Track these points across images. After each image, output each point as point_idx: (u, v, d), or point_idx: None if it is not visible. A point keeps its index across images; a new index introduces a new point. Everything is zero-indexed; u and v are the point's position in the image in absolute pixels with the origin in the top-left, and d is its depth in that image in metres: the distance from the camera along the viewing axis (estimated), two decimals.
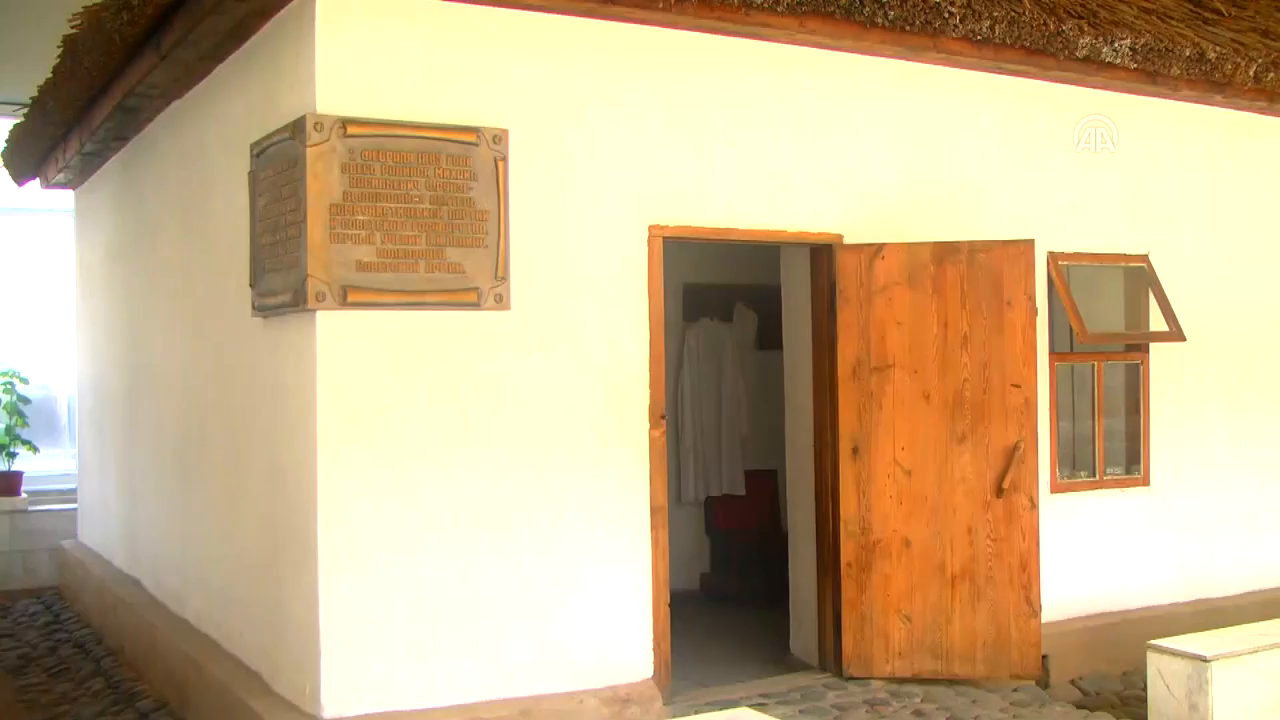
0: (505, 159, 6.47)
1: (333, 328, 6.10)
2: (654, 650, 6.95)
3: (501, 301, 6.46)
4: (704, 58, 7.13)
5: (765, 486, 10.92)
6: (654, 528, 6.97)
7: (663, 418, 7.04)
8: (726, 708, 6.73)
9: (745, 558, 10.40)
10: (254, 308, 6.80)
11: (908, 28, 7.26)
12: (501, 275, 6.46)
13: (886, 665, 7.52)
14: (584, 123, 6.79)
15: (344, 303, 6.06)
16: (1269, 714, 7.09)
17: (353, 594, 6.10)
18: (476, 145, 6.40)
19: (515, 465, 6.53)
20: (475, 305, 6.40)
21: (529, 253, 6.58)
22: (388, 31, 6.26)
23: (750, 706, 6.67)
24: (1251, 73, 8.68)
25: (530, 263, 6.58)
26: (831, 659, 7.70)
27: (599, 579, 6.77)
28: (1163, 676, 7.06)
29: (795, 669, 7.91)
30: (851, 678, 7.54)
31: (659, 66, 7.02)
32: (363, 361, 6.17)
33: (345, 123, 6.08)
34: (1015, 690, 7.54)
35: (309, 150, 6.01)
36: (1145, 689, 7.21)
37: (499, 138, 6.45)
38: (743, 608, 9.97)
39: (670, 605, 7.08)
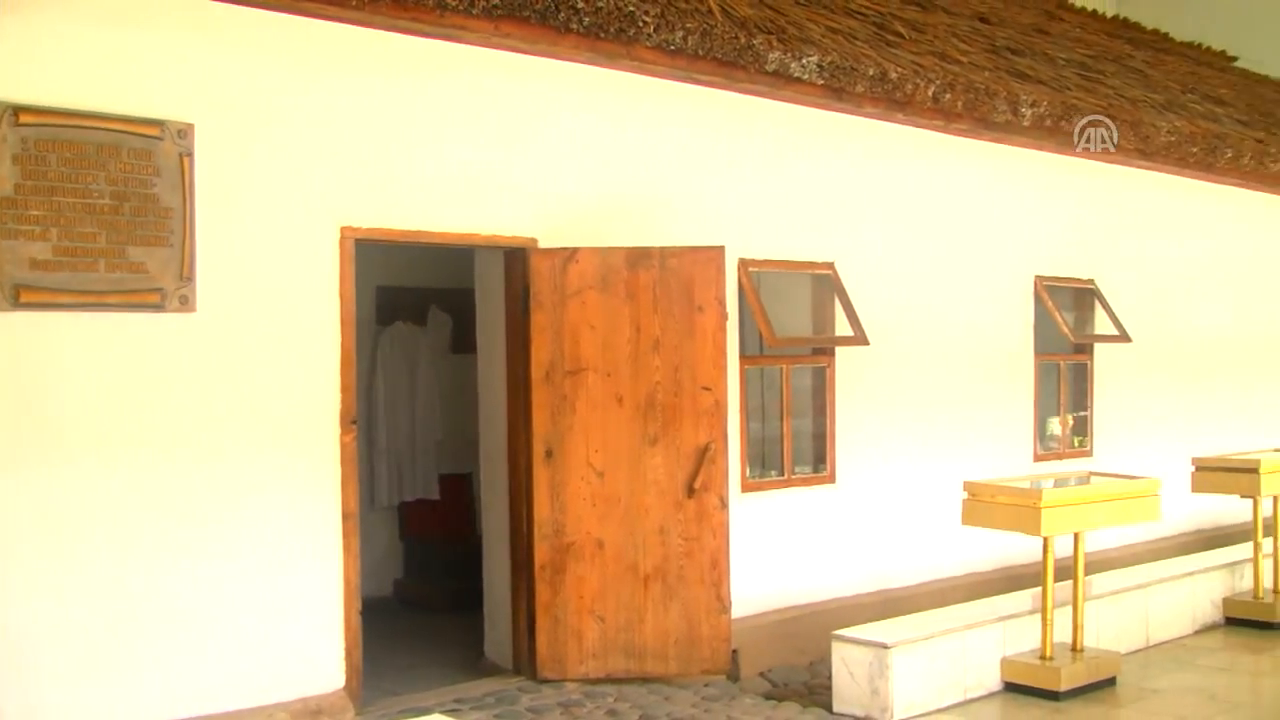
0: (191, 155, 6.25)
1: (3, 330, 5.75)
2: (345, 659, 6.82)
3: (187, 303, 6.23)
4: (400, 58, 7.03)
5: (460, 490, 10.87)
6: (345, 534, 6.84)
7: (354, 422, 6.92)
8: (420, 714, 6.70)
9: (440, 562, 10.33)
10: None
11: (602, 35, 7.30)
12: (187, 276, 6.24)
13: (581, 666, 7.58)
14: (275, 120, 6.61)
15: (16, 303, 5.74)
16: (945, 695, 7.50)
17: (22, 614, 5.77)
18: (160, 139, 6.16)
19: (202, 473, 6.31)
20: (159, 307, 6.16)
21: (216, 253, 6.36)
22: (65, 15, 5.93)
23: (443, 713, 6.66)
24: (930, 93, 9.09)
25: (218, 263, 6.37)
26: (526, 662, 7.72)
27: (288, 588, 6.60)
28: (846, 664, 7.36)
29: (490, 673, 7.89)
30: (546, 680, 7.56)
31: (353, 65, 6.89)
32: (36, 366, 5.84)
33: (16, 110, 5.75)
34: (707, 685, 7.70)
35: None
36: (831, 677, 7.49)
37: (184, 132, 6.23)
38: (437, 613, 9.88)
39: (363, 613, 6.97)
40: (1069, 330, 10.96)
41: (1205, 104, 13.46)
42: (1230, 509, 11.32)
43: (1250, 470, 9.52)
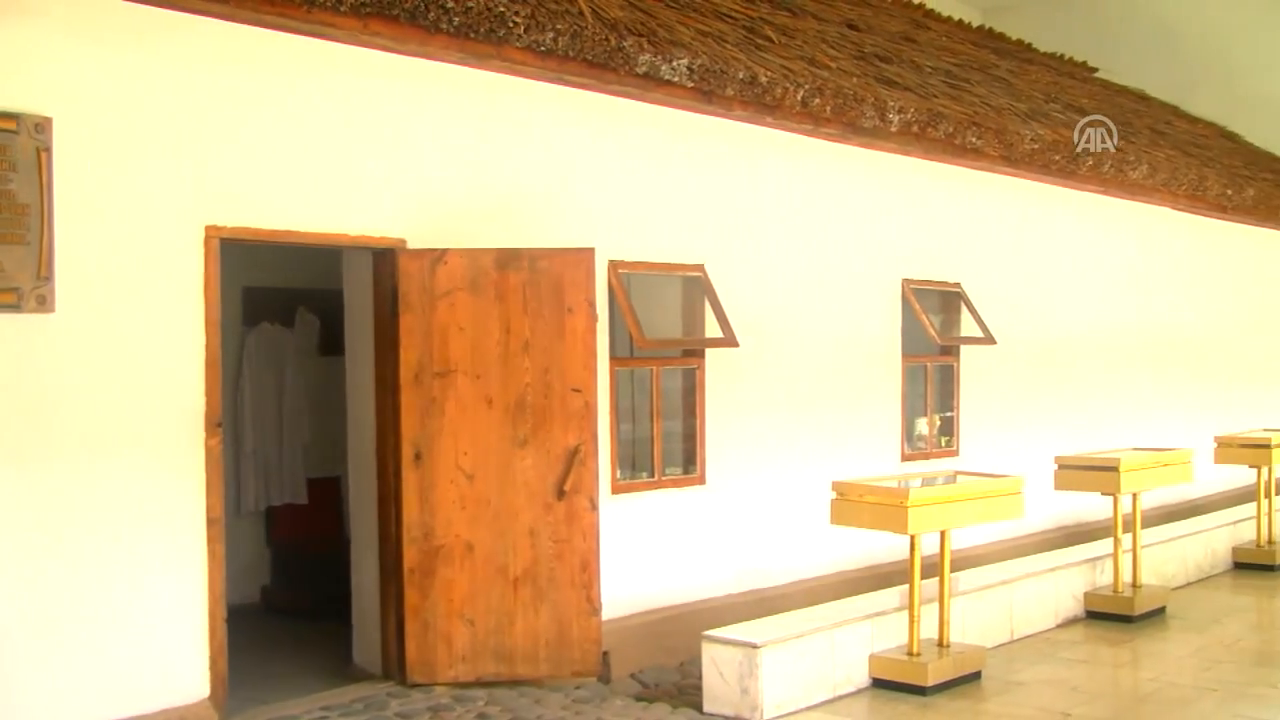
0: (49, 149, 6.07)
1: None
2: (210, 668, 6.69)
3: (45, 304, 6.06)
4: (266, 54, 6.92)
5: (328, 494, 10.72)
6: (210, 540, 6.70)
7: (219, 426, 6.79)
8: None
9: (308, 568, 10.17)
10: None
11: (472, 35, 7.24)
12: (45, 275, 6.07)
13: (450, 670, 7.52)
14: (137, 115, 6.45)
15: None
16: (814, 693, 7.57)
17: None
18: (16, 133, 5.98)
19: (60, 478, 6.13)
20: (15, 307, 5.97)
21: (76, 252, 6.20)
22: None
23: None
24: (799, 97, 9.18)
25: (78, 262, 6.20)
26: (395, 667, 7.64)
27: (151, 597, 6.45)
28: (716, 664, 7.40)
29: (359, 679, 7.78)
30: (415, 685, 7.49)
31: (219, 61, 6.76)
32: None
33: None
34: (577, 687, 7.70)
35: None
36: (701, 678, 7.52)
37: (41, 126, 6.05)
38: (306, 620, 9.70)
39: (228, 621, 6.85)
40: (935, 332, 11.15)
41: (1067, 113, 13.80)
42: (1091, 506, 11.58)
43: (1110, 468, 9.75)
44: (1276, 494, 12.58)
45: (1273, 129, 20.21)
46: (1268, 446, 12.10)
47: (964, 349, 11.68)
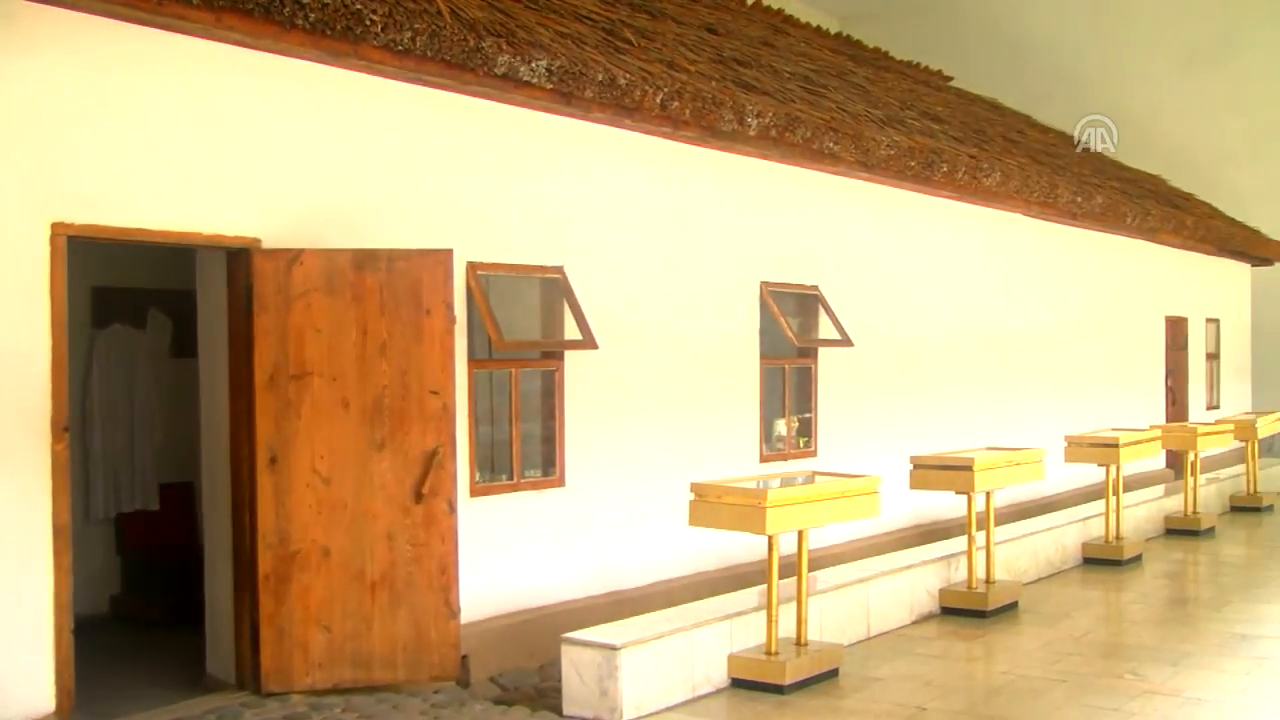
0: None
1: None
2: (56, 681, 6.50)
3: None
4: (117, 48, 6.74)
5: (182, 500, 10.49)
6: (56, 550, 6.51)
7: (66, 430, 6.61)
8: None
9: (160, 576, 9.94)
10: None
11: (328, 32, 7.15)
12: None
13: (307, 678, 7.41)
14: None
15: None
16: (673, 693, 7.60)
17: None
18: None
19: None
20: None
21: None
22: None
23: None
24: (658, 100, 9.21)
25: None
26: (250, 676, 7.49)
27: None
28: (575, 667, 7.39)
29: (213, 689, 7.64)
30: (271, 694, 7.37)
31: (64, 53, 6.56)
32: None
33: None
34: (436, 692, 7.63)
35: None
36: (561, 680, 7.50)
37: None
38: (158, 629, 9.49)
39: (76, 632, 6.67)
40: (793, 335, 11.28)
41: (923, 120, 14.09)
42: (946, 504, 11.80)
43: (965, 468, 9.93)
44: (1124, 491, 12.95)
45: (1120, 139, 20.86)
46: (1115, 446, 12.45)
47: (822, 351, 11.83)
